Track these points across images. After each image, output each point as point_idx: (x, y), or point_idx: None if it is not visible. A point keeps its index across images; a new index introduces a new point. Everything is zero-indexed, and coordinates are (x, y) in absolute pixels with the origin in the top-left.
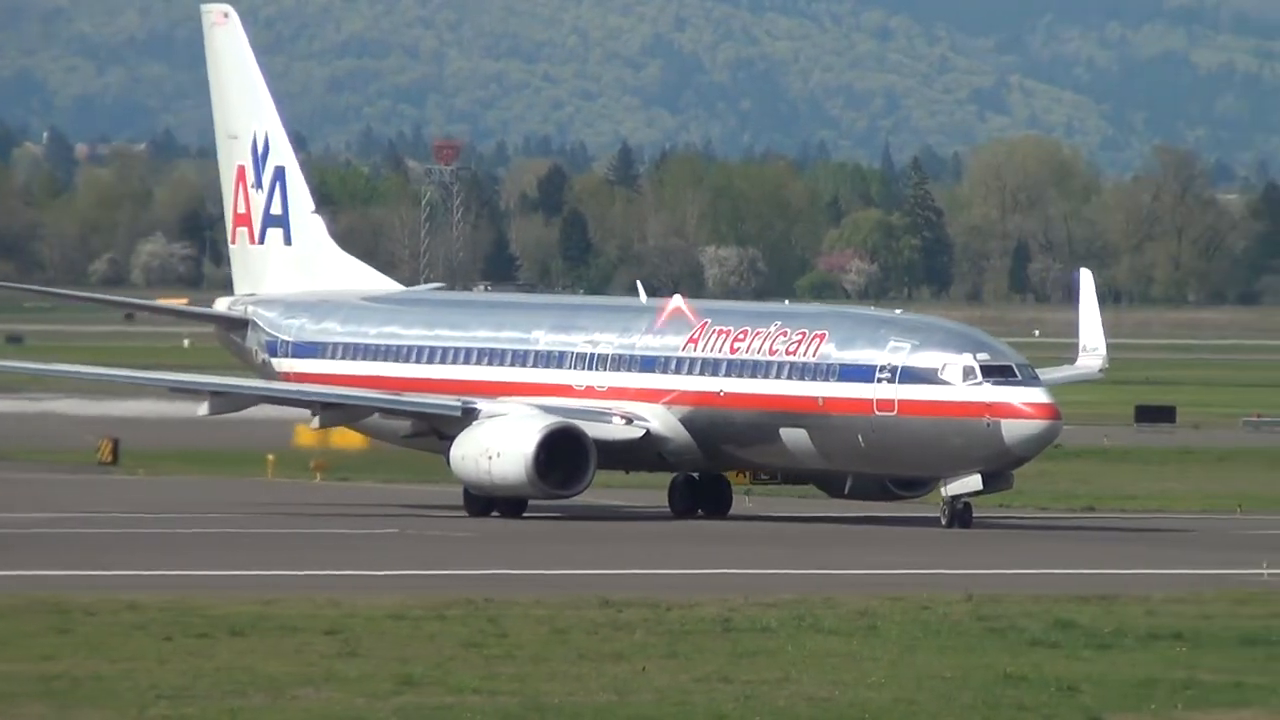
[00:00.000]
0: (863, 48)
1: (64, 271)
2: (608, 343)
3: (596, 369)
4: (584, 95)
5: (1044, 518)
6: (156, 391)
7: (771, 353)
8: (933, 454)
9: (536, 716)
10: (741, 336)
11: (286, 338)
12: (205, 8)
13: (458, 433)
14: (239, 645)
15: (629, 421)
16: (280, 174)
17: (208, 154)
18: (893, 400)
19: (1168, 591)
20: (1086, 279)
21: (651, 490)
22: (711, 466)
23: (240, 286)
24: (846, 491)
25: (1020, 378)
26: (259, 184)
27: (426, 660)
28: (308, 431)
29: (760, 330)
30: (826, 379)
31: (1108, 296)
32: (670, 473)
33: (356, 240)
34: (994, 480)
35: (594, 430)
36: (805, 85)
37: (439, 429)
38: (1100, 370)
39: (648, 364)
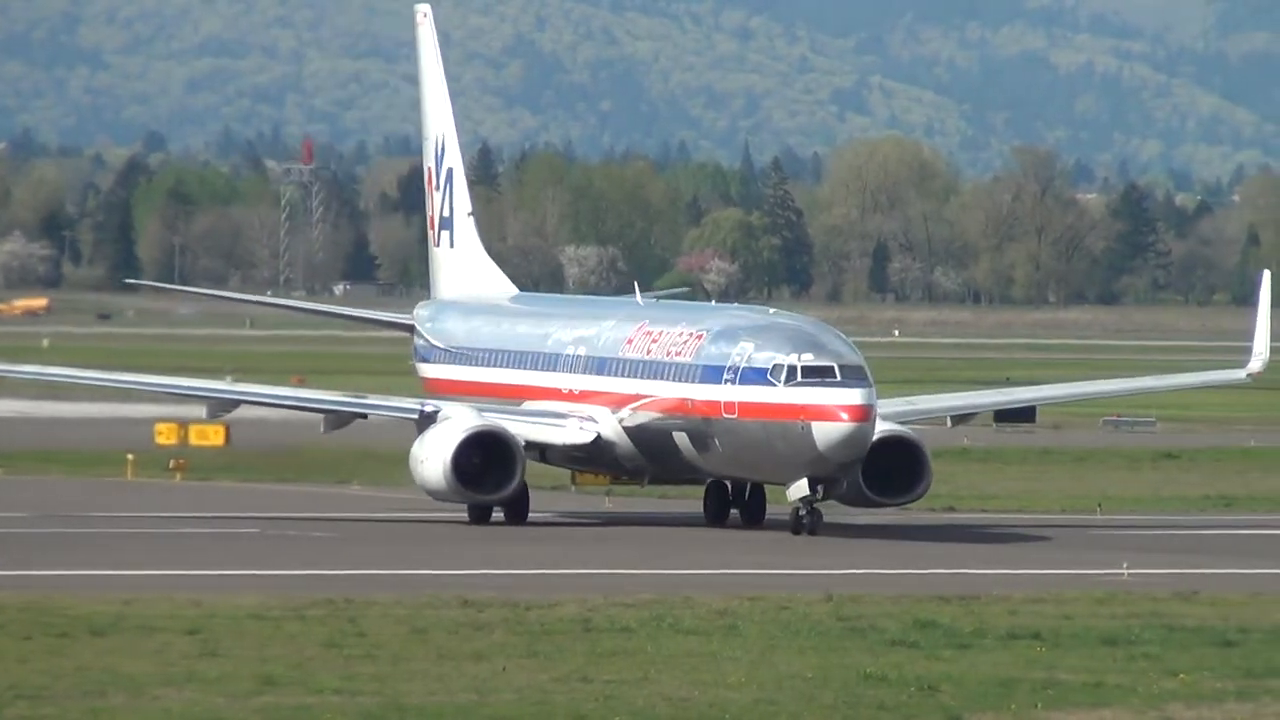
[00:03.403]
0: (723, 48)
1: None
2: (584, 344)
3: (574, 371)
4: None
5: (905, 518)
6: (14, 389)
7: (668, 354)
8: (766, 458)
9: (397, 716)
10: (658, 337)
11: (429, 342)
12: (416, 7)
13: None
14: (99, 645)
15: (583, 425)
16: (450, 176)
17: (67, 153)
18: (735, 403)
19: (1028, 591)
20: (1266, 283)
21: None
22: (662, 472)
23: (432, 290)
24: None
25: (839, 379)
26: (438, 186)
27: (287, 660)
28: (167, 430)
29: (670, 331)
30: (693, 381)
31: (967, 297)
32: (636, 478)
33: (216, 241)
34: (833, 486)
35: (541, 434)
36: (666, 85)
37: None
38: (1249, 375)
39: (600, 366)
